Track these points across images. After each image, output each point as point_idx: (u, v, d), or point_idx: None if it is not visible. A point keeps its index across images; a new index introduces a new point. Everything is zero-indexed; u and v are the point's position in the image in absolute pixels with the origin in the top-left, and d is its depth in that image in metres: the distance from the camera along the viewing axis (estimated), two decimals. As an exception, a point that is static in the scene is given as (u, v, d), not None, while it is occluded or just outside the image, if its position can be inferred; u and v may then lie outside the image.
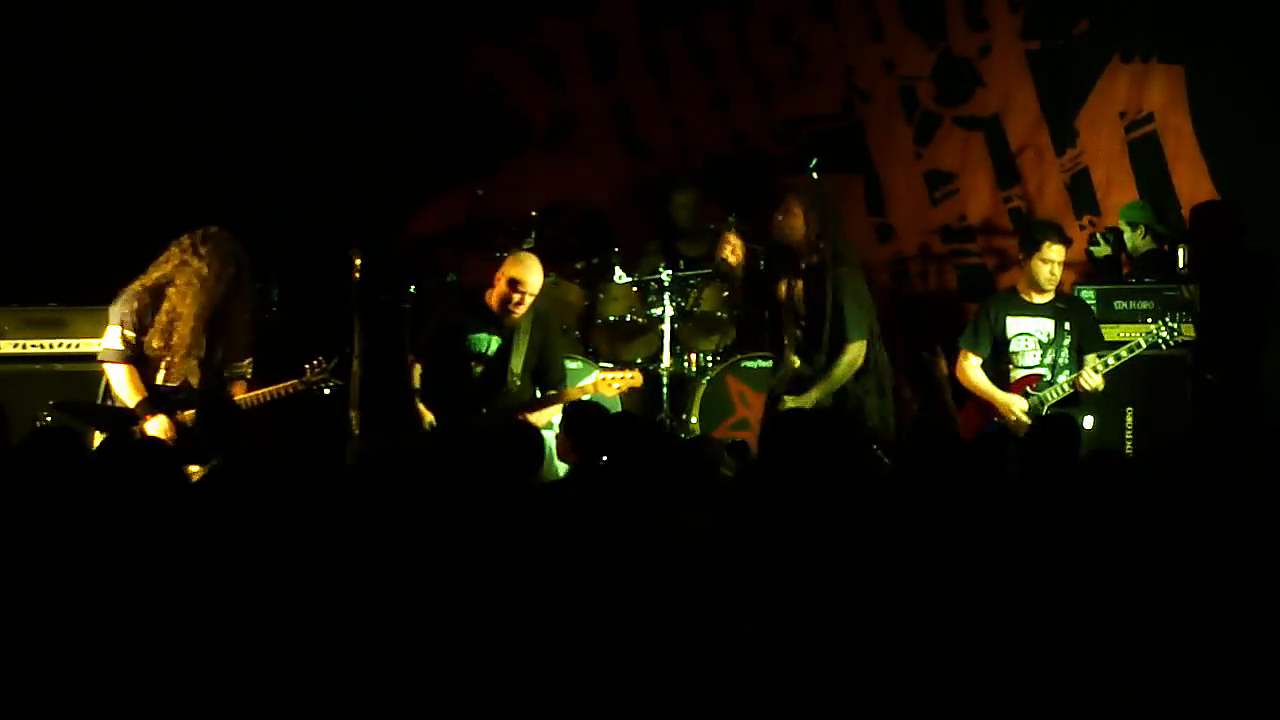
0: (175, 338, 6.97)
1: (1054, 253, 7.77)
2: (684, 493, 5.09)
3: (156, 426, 6.91)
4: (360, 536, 4.48)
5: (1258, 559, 4.31)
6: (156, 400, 6.99)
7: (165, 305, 6.97)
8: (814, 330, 7.47)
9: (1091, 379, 7.59)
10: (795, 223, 7.48)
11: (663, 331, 8.96)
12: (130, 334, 7.01)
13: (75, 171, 9.29)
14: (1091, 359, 7.69)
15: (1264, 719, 3.99)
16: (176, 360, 6.99)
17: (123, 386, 7.00)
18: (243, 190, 9.20)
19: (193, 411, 6.93)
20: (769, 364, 8.50)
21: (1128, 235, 8.88)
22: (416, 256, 9.66)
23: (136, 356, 7.02)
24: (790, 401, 7.39)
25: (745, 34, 9.96)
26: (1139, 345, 7.64)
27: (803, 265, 7.53)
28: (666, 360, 8.92)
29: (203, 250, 6.99)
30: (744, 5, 9.95)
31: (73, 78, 9.38)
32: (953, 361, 8.11)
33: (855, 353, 7.47)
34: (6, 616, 4.07)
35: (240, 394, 7.12)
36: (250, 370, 7.25)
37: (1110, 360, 7.62)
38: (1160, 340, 7.63)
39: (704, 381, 8.90)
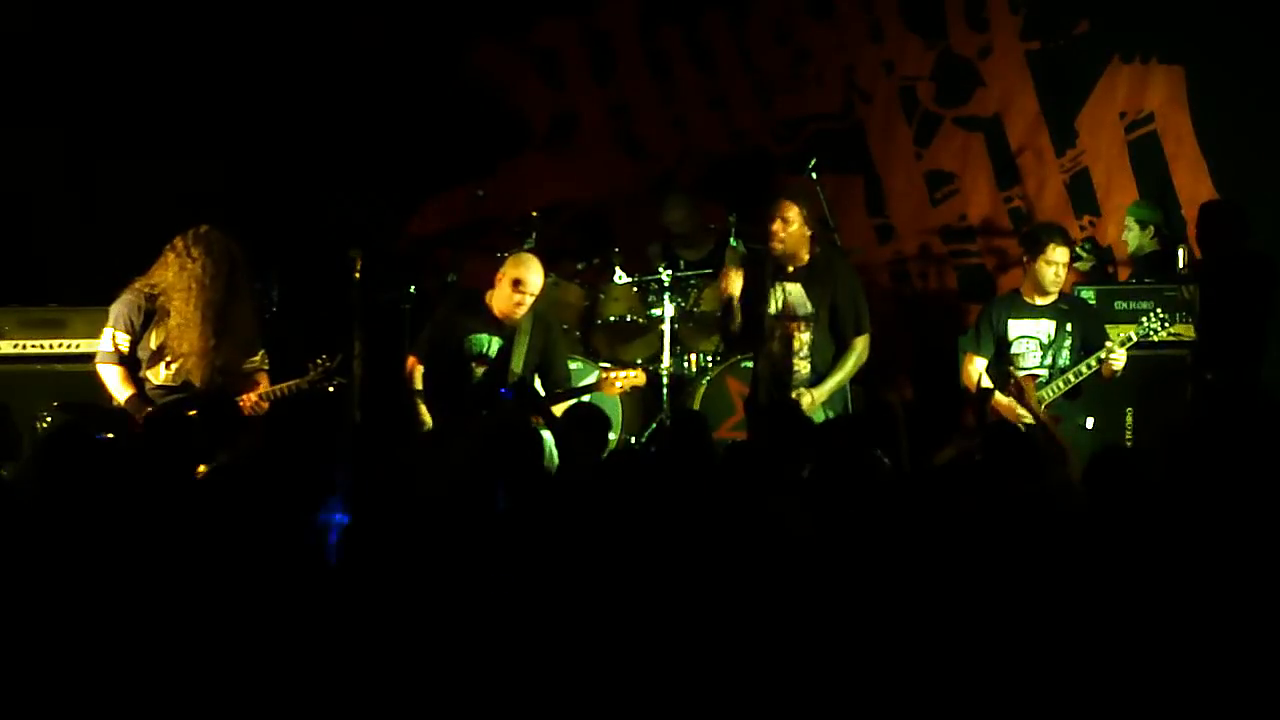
0: (186, 344, 7.02)
1: (1058, 255, 7.75)
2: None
3: None
4: (359, 536, 4.49)
5: (1258, 559, 4.31)
6: (148, 398, 7.00)
7: (173, 311, 7.00)
8: (820, 327, 7.48)
9: (1121, 357, 7.52)
10: (794, 229, 7.47)
11: (663, 331, 8.96)
12: (122, 337, 7.05)
13: (75, 171, 9.29)
14: (1110, 345, 7.61)
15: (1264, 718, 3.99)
16: (189, 365, 7.02)
17: (115, 385, 7.07)
18: (243, 189, 9.20)
19: (194, 411, 6.94)
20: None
21: (1134, 234, 8.86)
22: (416, 256, 9.66)
23: (128, 358, 7.05)
24: (805, 394, 7.38)
25: (745, 34, 9.96)
26: (1130, 339, 7.63)
27: (791, 269, 7.52)
28: (666, 360, 8.92)
29: (195, 252, 7.04)
30: (744, 5, 9.95)
31: (72, 77, 9.38)
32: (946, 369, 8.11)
33: (864, 346, 7.51)
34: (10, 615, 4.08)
35: (259, 389, 7.13)
36: (266, 363, 7.27)
37: (1125, 344, 7.56)
38: (1150, 332, 7.61)
39: (704, 381, 8.90)
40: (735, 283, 7.55)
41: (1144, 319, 7.66)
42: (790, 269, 7.51)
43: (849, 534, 4.53)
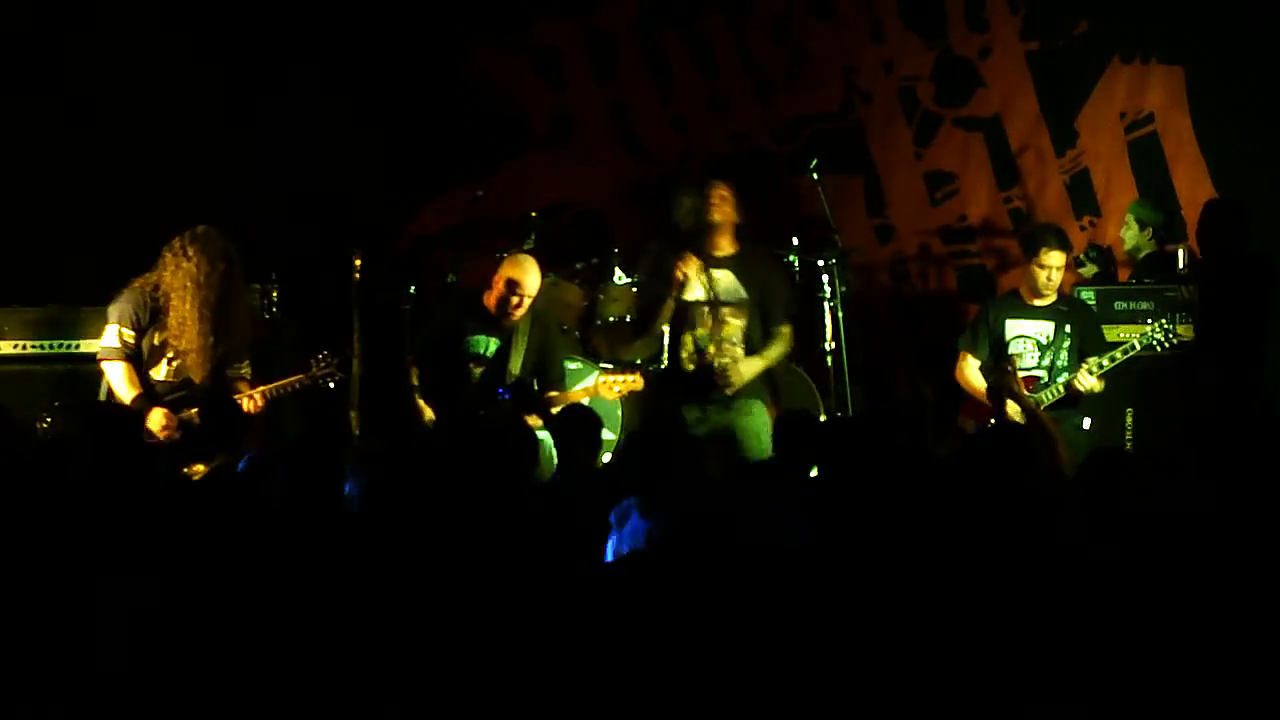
0: (185, 341, 7.05)
1: (1052, 259, 7.74)
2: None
3: (155, 421, 6.96)
4: (358, 538, 4.49)
5: (1258, 559, 4.31)
6: (154, 396, 7.03)
7: (171, 310, 7.04)
8: (753, 314, 7.55)
9: (1086, 380, 7.57)
10: (729, 207, 7.56)
11: (663, 332, 8.94)
12: (128, 333, 7.08)
13: (75, 171, 9.29)
14: (1090, 361, 7.67)
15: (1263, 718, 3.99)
16: (189, 362, 7.05)
17: (120, 383, 7.07)
18: (243, 190, 9.20)
19: (195, 410, 6.98)
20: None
21: (1132, 233, 8.85)
22: (416, 256, 9.66)
23: (133, 355, 7.08)
24: (735, 366, 7.44)
25: (745, 34, 9.96)
26: (1133, 347, 7.63)
27: (718, 255, 7.58)
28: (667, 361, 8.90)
29: (190, 251, 7.07)
30: (744, 5, 9.95)
31: (72, 77, 9.38)
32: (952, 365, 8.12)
33: (790, 334, 7.63)
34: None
35: (245, 391, 7.16)
36: (249, 372, 7.28)
37: (1105, 362, 7.61)
38: (1156, 342, 7.62)
39: (704, 382, 8.88)
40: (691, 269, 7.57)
41: (1148, 328, 7.65)
42: (717, 255, 7.56)
43: (853, 539, 4.52)
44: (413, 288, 8.46)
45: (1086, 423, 7.70)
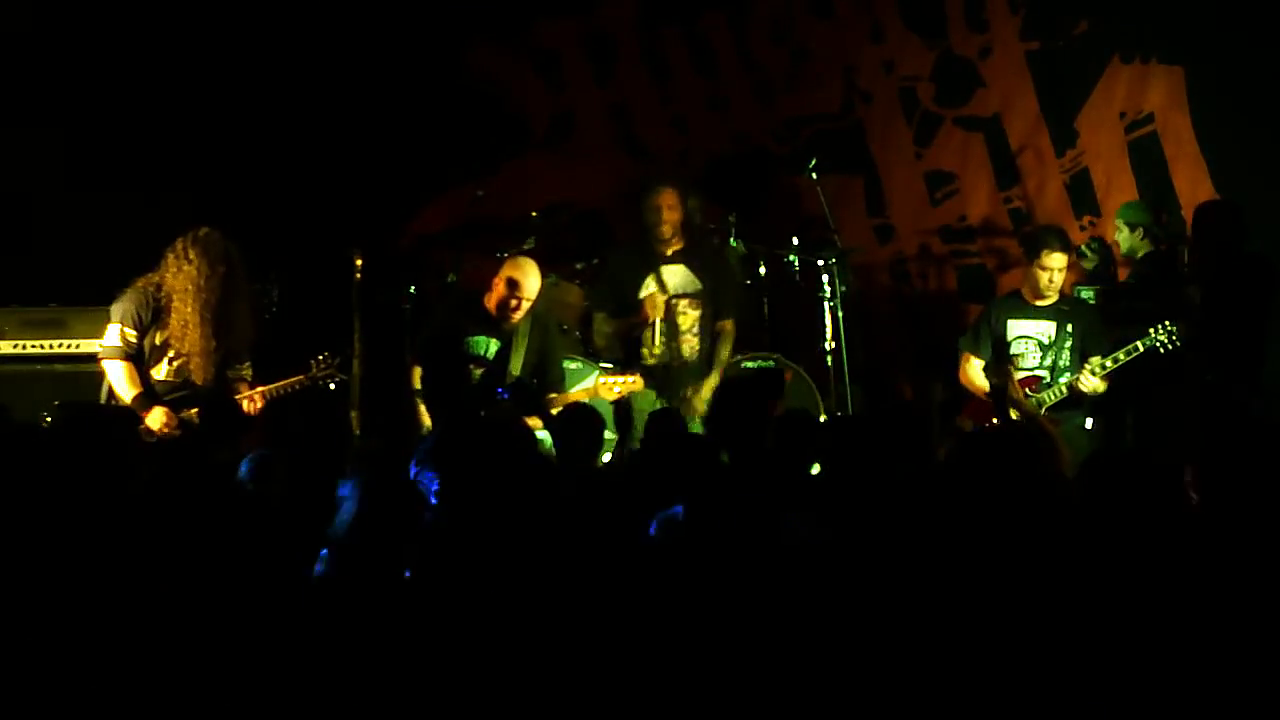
0: (188, 344, 7.07)
1: (1053, 260, 7.76)
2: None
3: (155, 419, 6.97)
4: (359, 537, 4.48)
5: (1258, 560, 4.31)
6: (155, 395, 7.04)
7: (174, 312, 7.06)
8: (708, 304, 7.67)
9: (1090, 381, 7.58)
10: (676, 215, 7.74)
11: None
12: (130, 332, 7.09)
13: (75, 171, 9.29)
14: (1094, 361, 7.67)
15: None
16: (192, 365, 7.07)
17: (120, 382, 7.09)
18: (243, 190, 9.20)
19: (195, 410, 7.00)
20: (770, 364, 8.51)
21: (1125, 236, 8.84)
22: (416, 256, 9.67)
23: (135, 354, 7.09)
24: (701, 394, 7.64)
25: (745, 34, 9.96)
26: (1136, 349, 7.63)
27: (669, 252, 7.70)
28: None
29: (192, 254, 7.09)
30: (744, 5, 9.95)
31: (73, 76, 9.38)
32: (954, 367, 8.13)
33: (733, 329, 7.92)
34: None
35: (245, 391, 7.18)
36: (250, 373, 7.29)
37: (1108, 363, 7.62)
38: (1158, 344, 7.62)
39: (703, 382, 8.89)
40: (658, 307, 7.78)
41: (1152, 330, 7.65)
42: (669, 253, 7.69)
43: (861, 539, 4.52)
44: (413, 288, 8.45)
45: (1089, 423, 7.71)
